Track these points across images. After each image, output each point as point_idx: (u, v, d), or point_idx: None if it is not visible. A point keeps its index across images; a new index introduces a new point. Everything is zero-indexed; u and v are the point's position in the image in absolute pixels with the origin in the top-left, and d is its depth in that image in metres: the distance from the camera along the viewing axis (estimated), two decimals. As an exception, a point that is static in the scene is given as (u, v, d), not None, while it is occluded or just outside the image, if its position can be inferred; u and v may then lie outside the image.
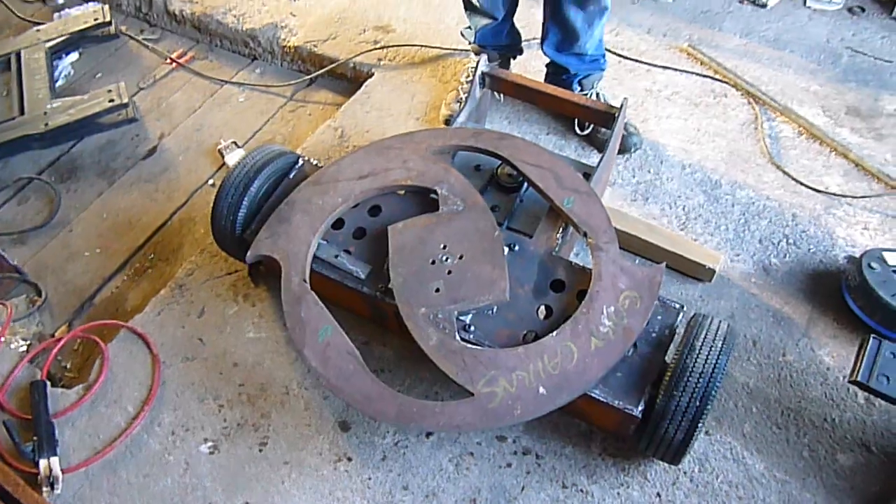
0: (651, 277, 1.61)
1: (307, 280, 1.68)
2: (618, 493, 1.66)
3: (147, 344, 1.95)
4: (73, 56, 3.15)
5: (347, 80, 2.85)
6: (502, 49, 2.44)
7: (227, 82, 2.96)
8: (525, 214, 1.88)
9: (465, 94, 2.09)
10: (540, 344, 1.53)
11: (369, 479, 1.70)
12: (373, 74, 2.74)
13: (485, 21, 2.31)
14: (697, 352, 1.48)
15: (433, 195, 1.80)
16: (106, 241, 2.42)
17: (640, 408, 1.50)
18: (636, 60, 2.71)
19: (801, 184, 2.28)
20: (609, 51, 2.71)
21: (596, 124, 1.97)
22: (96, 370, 1.91)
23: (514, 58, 2.54)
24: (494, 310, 1.65)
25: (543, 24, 2.26)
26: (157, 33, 3.25)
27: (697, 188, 2.28)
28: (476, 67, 2.03)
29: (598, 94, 2.35)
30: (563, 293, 1.67)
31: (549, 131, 2.45)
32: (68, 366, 2.06)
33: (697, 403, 1.44)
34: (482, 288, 1.61)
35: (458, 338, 1.57)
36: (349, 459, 1.73)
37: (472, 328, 1.63)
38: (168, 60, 3.08)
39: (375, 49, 2.82)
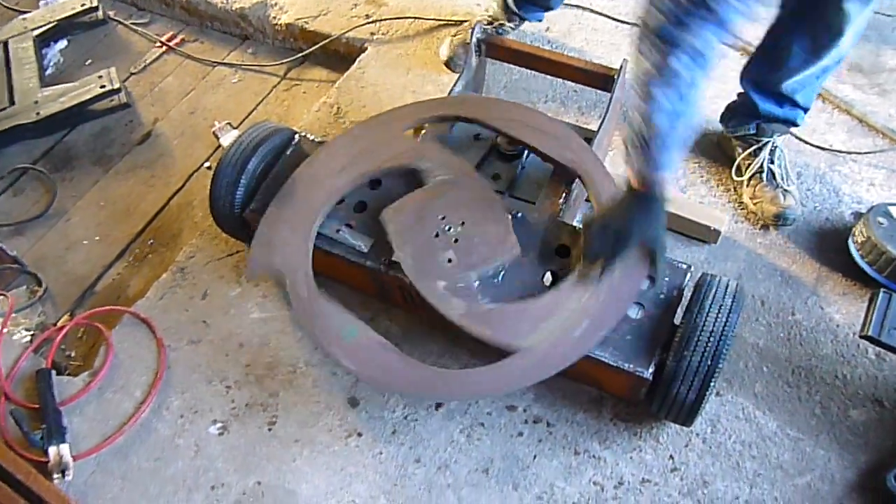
0: None
1: (313, 288, 1.64)
2: (630, 458, 1.66)
3: (151, 328, 1.94)
4: (62, 44, 3.10)
5: (341, 55, 2.81)
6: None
7: (219, 63, 2.91)
8: (528, 182, 1.86)
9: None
10: (557, 291, 1.52)
11: (381, 453, 1.69)
12: (366, 49, 2.70)
13: None
14: (707, 311, 1.47)
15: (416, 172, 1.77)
16: (105, 228, 2.40)
17: (650, 370, 1.49)
18: (633, 24, 2.66)
19: (805, 142, 2.25)
20: (604, 14, 2.67)
21: (596, 88, 1.94)
22: (101, 357, 1.89)
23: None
24: (501, 277, 1.64)
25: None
26: (146, 17, 3.19)
27: (698, 150, 2.25)
28: (472, 35, 1.99)
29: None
30: (568, 258, 1.65)
31: (548, 99, 2.41)
32: (73, 354, 2.05)
33: (709, 363, 1.43)
34: (493, 248, 1.60)
35: (483, 302, 1.56)
36: (359, 435, 1.72)
37: (479, 297, 1.61)
38: (158, 44, 3.03)
39: (368, 23, 2.77)
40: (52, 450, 1.67)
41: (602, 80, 1.90)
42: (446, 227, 1.66)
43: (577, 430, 1.70)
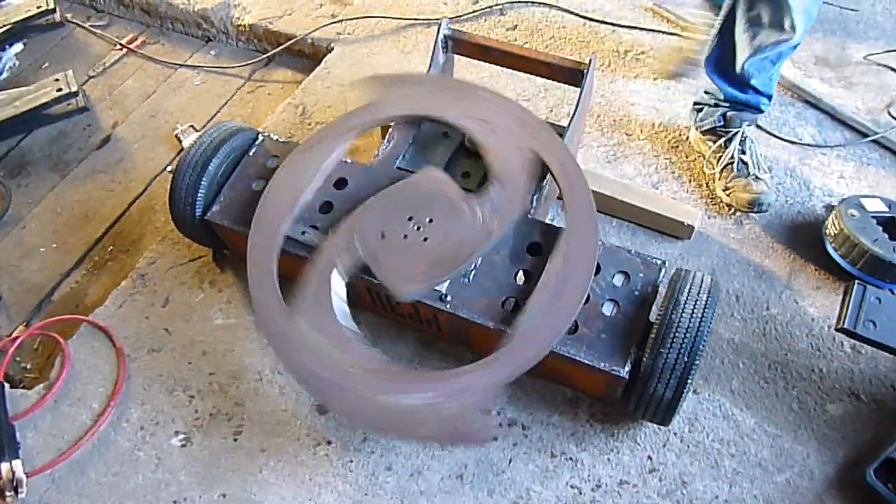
0: None
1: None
2: (608, 459, 1.62)
3: (110, 337, 1.86)
4: (17, 47, 2.99)
5: (306, 56, 2.75)
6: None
7: (180, 66, 2.84)
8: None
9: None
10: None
11: (350, 461, 1.63)
12: (332, 49, 2.65)
13: None
14: (682, 306, 1.43)
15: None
16: (62, 235, 2.31)
17: (626, 368, 1.46)
18: (601, 21, 2.64)
19: (774, 136, 2.24)
20: (571, 12, 2.65)
21: (565, 83, 1.90)
22: (57, 368, 1.81)
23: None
24: (471, 277, 1.59)
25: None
26: (104, 19, 3.10)
27: (669, 146, 2.23)
28: (438, 31, 1.95)
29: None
30: (540, 256, 1.61)
31: (518, 96, 2.38)
32: (28, 366, 1.96)
33: (685, 359, 1.40)
34: (469, 241, 1.55)
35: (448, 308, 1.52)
36: (329, 443, 1.66)
37: (449, 297, 1.56)
38: (118, 47, 2.94)
39: (333, 23, 2.72)
40: (3, 466, 1.59)
41: (571, 74, 1.87)
42: (415, 227, 1.61)
43: (553, 433, 1.66)
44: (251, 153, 1.87)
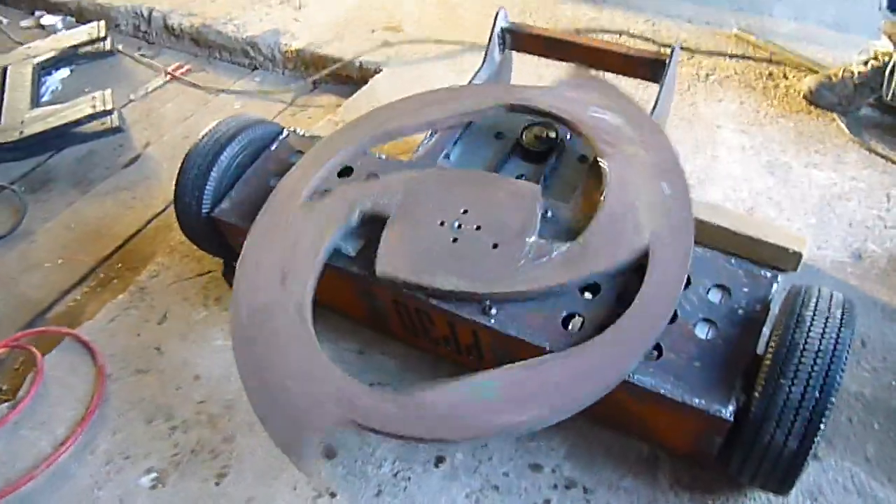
0: None
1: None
2: (700, 540, 1.20)
3: (92, 354, 1.58)
4: (64, 72, 2.93)
5: (354, 82, 2.56)
6: None
7: (222, 91, 2.69)
8: (559, 185, 1.51)
9: None
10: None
11: (359, 521, 1.26)
12: (381, 71, 2.45)
13: None
14: (809, 325, 1.06)
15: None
16: (70, 251, 2.09)
17: (731, 407, 1.07)
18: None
19: (894, 162, 1.87)
20: (645, 38, 2.40)
21: (643, 78, 1.62)
22: (27, 385, 1.53)
23: None
24: (523, 287, 1.25)
25: None
26: (154, 50, 3.03)
27: (764, 171, 1.89)
28: (495, 23, 1.71)
29: None
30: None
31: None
32: (4, 387, 1.69)
33: (817, 395, 1.01)
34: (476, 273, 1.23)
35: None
36: (332, 495, 1.30)
37: (494, 311, 1.23)
38: (163, 74, 2.84)
39: (385, 47, 2.54)
40: (-67, 497, 1.29)
41: (650, 67, 1.58)
42: (456, 224, 1.30)
43: (625, 500, 1.26)
44: (273, 147, 1.62)
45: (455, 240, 1.28)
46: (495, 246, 1.26)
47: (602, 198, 1.29)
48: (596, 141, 1.38)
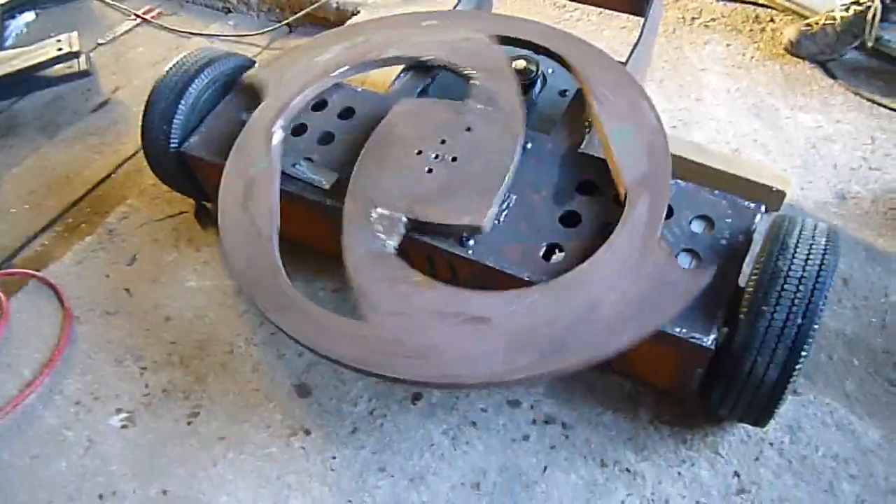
0: None
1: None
2: (678, 473, 1.19)
3: (59, 296, 1.53)
4: (29, 15, 2.80)
5: (331, 23, 2.48)
6: None
7: (195, 34, 2.59)
8: (539, 118, 1.47)
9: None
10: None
11: (333, 458, 1.24)
12: (358, 12, 2.37)
13: None
14: (793, 251, 1.03)
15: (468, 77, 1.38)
16: (37, 197, 2.02)
17: (711, 336, 1.05)
18: (665, -10, 2.32)
19: (879, 104, 1.85)
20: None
21: (627, 12, 1.57)
22: (-9, 329, 1.48)
23: None
24: (501, 219, 1.22)
25: None
26: (124, -8, 2.91)
27: (749, 113, 1.85)
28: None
29: None
30: (594, 196, 1.23)
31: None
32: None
33: (800, 321, 0.99)
34: (456, 204, 1.18)
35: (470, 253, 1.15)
36: (307, 433, 1.28)
37: (471, 242, 1.19)
38: (133, 17, 2.72)
39: (363, -13, 2.45)
40: None
41: (635, 0, 1.53)
42: (434, 154, 1.26)
43: (605, 435, 1.25)
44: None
45: (431, 170, 1.24)
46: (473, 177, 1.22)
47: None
48: (588, 79, 1.33)
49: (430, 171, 1.23)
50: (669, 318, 1.03)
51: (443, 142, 1.27)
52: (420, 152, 1.25)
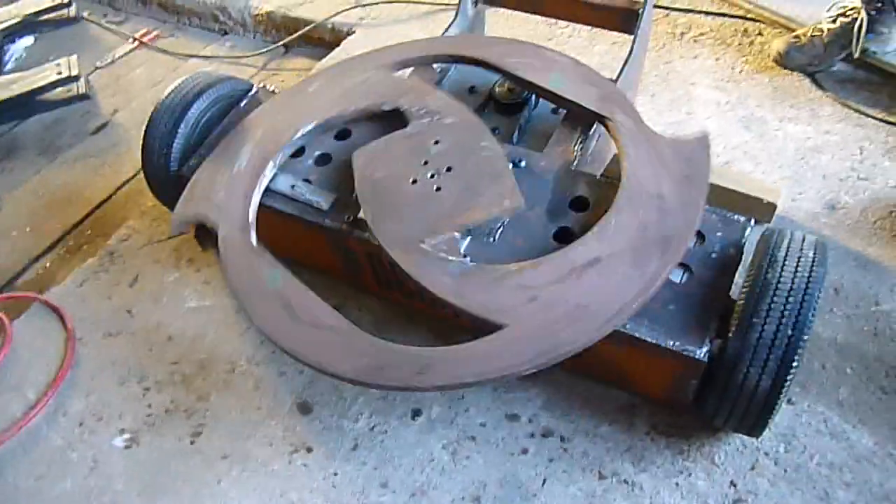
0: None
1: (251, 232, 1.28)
2: (676, 484, 1.21)
3: (62, 318, 1.55)
4: (28, 40, 2.84)
5: (326, 44, 2.52)
6: None
7: (192, 56, 2.63)
8: (533, 137, 1.50)
9: None
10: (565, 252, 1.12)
11: (335, 474, 1.26)
12: (353, 33, 2.41)
13: None
14: (782, 264, 1.06)
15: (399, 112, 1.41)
16: (39, 219, 2.04)
17: (704, 348, 1.07)
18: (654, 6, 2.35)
19: (866, 115, 1.88)
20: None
21: (616, 30, 1.60)
22: (-5, 351, 1.50)
23: None
24: (496, 236, 1.24)
25: None
26: (121, 16, 2.95)
27: (739, 126, 1.89)
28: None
29: None
30: (587, 212, 1.26)
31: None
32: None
33: (789, 333, 1.01)
34: (486, 197, 1.21)
35: (467, 260, 1.17)
36: (309, 450, 1.29)
37: (470, 260, 1.21)
38: (131, 40, 2.76)
39: (356, 7, 2.49)
40: None
41: (624, 18, 1.56)
42: (429, 174, 1.28)
43: (602, 447, 1.26)
44: (242, 105, 1.59)
45: (439, 189, 1.26)
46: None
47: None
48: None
49: (438, 189, 1.25)
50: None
51: (425, 163, 1.30)
52: (415, 181, 1.27)
